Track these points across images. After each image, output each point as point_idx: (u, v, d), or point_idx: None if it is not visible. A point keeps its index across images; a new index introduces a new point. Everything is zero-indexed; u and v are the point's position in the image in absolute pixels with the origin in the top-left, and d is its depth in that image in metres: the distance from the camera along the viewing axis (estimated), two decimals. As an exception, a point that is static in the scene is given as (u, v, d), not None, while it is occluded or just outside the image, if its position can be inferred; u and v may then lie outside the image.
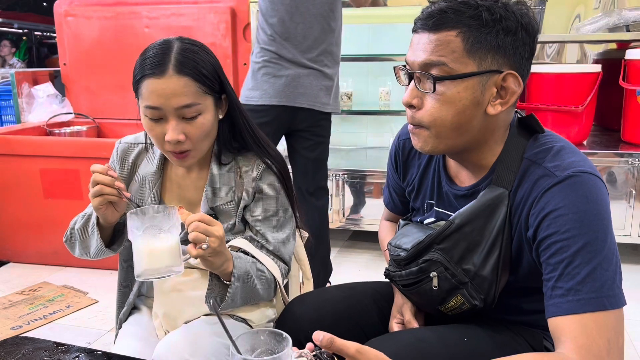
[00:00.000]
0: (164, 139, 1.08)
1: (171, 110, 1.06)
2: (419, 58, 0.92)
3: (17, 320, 2.26)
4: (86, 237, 1.19)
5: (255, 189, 1.20)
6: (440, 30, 0.90)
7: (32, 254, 2.88)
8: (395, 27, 3.30)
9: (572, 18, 3.28)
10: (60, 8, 3.33)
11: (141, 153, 1.26)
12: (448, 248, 0.99)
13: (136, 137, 1.28)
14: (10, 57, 7.86)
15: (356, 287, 1.26)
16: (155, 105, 1.06)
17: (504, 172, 0.96)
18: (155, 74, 1.05)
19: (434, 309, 1.06)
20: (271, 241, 1.20)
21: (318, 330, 0.78)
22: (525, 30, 0.91)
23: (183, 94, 1.05)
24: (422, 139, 0.97)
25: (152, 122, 1.08)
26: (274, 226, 1.21)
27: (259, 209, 1.21)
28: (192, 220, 0.98)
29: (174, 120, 1.07)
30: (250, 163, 1.21)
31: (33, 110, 3.41)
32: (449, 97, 0.91)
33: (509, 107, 0.94)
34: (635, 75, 2.64)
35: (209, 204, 1.19)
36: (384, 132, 3.42)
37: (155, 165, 1.23)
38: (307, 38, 2.10)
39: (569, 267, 0.84)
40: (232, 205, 1.20)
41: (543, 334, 1.06)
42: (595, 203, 0.86)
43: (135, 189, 1.24)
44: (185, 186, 1.23)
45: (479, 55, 0.89)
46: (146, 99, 1.06)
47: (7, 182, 2.81)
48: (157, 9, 3.19)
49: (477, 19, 0.88)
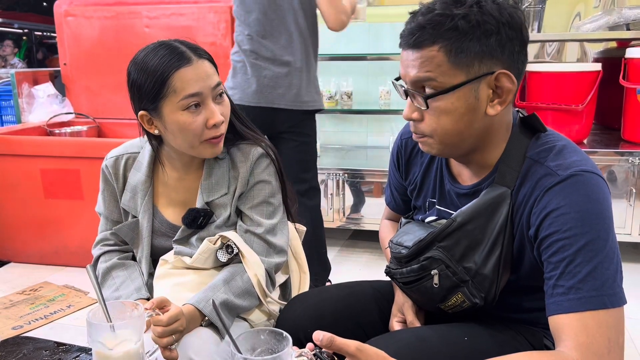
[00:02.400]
0: (205, 128, 1.11)
1: (208, 91, 1.10)
2: (410, 75, 0.93)
3: (18, 320, 2.27)
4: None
5: (249, 177, 1.21)
6: (421, 47, 0.90)
7: (33, 253, 2.88)
8: (395, 26, 3.30)
9: (572, 17, 3.28)
10: (61, 8, 3.33)
11: (127, 164, 1.27)
12: (449, 246, 0.99)
13: (121, 150, 1.29)
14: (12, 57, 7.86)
15: (356, 286, 1.26)
16: (196, 91, 1.09)
17: (507, 171, 0.96)
18: (184, 63, 1.08)
19: (435, 307, 1.06)
20: (263, 226, 1.21)
21: (318, 330, 0.79)
22: (508, 26, 0.89)
23: (212, 72, 1.12)
24: (427, 145, 0.99)
25: (191, 115, 1.10)
26: (265, 213, 1.23)
27: (252, 196, 1.22)
28: (159, 333, 1.01)
29: (211, 103, 1.11)
30: (244, 153, 1.23)
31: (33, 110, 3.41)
32: (444, 109, 0.92)
33: (508, 105, 0.94)
34: (636, 73, 2.64)
35: (204, 199, 1.20)
36: (384, 132, 3.42)
37: (144, 173, 1.24)
38: (283, 34, 2.07)
39: (570, 266, 0.85)
40: (227, 197, 1.21)
41: (543, 332, 1.06)
42: (597, 202, 0.86)
43: (127, 198, 1.26)
44: (179, 188, 1.25)
45: (466, 64, 0.89)
46: (183, 90, 1.08)
47: (7, 182, 2.81)
48: (157, 9, 3.19)
49: (454, 30, 0.88)
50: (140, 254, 1.27)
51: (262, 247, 1.22)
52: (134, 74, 1.11)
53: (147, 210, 1.23)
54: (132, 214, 1.26)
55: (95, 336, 0.86)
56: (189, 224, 1.21)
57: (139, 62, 1.11)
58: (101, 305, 0.89)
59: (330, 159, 3.20)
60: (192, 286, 1.18)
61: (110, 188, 1.28)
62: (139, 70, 1.10)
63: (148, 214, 1.24)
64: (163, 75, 1.08)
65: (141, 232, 1.25)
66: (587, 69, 2.66)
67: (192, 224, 1.21)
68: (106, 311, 0.88)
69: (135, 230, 1.26)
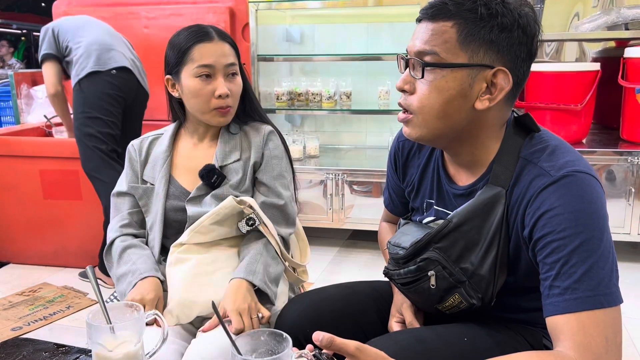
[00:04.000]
0: (212, 97, 1.28)
1: (220, 67, 1.28)
2: (415, 46, 0.95)
3: (17, 322, 2.26)
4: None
5: (263, 148, 1.36)
6: (437, 20, 0.93)
7: (32, 254, 2.88)
8: (394, 26, 3.30)
9: (571, 16, 3.28)
10: (59, 8, 3.33)
11: (152, 143, 1.42)
12: (446, 247, 0.99)
13: (145, 135, 1.45)
14: (9, 57, 7.85)
15: (355, 286, 1.26)
16: (208, 63, 1.27)
17: (501, 171, 0.96)
18: (205, 39, 1.28)
19: (433, 308, 1.06)
20: (283, 197, 1.35)
21: (317, 331, 0.79)
22: (523, 29, 0.91)
23: (229, 54, 1.30)
24: (410, 126, 0.99)
25: (202, 82, 1.27)
26: (284, 185, 1.37)
27: (270, 167, 1.36)
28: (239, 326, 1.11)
29: (221, 77, 1.29)
30: (255, 129, 1.40)
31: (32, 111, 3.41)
32: (437, 85, 0.93)
33: (499, 104, 0.95)
34: (634, 73, 2.64)
35: (219, 163, 1.33)
36: (383, 132, 3.42)
37: (165, 145, 1.38)
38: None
39: (565, 266, 0.85)
40: (239, 163, 1.34)
41: (542, 332, 1.06)
42: (590, 202, 0.87)
43: (149, 169, 1.38)
44: (195, 157, 1.37)
45: (472, 48, 0.91)
46: (199, 60, 1.27)
47: (6, 183, 2.81)
48: (156, 9, 3.19)
49: (473, 12, 0.91)
50: (154, 218, 1.33)
51: (280, 217, 1.35)
52: (168, 47, 1.33)
53: (164, 176, 1.35)
54: (151, 182, 1.37)
55: (95, 337, 0.86)
56: (205, 176, 1.31)
57: (174, 36, 1.32)
58: (101, 307, 0.89)
59: (329, 159, 3.20)
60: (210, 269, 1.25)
61: (133, 164, 1.40)
62: (170, 43, 1.32)
63: (165, 180, 1.35)
64: (186, 46, 1.28)
65: (156, 195, 1.34)
66: (585, 69, 2.66)
67: (208, 177, 1.31)
68: (106, 313, 0.88)
69: (150, 195, 1.36)
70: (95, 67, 2.40)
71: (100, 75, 2.40)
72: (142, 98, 2.64)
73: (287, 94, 3.22)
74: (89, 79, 2.39)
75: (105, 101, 2.40)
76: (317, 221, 2.97)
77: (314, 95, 3.18)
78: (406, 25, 3.18)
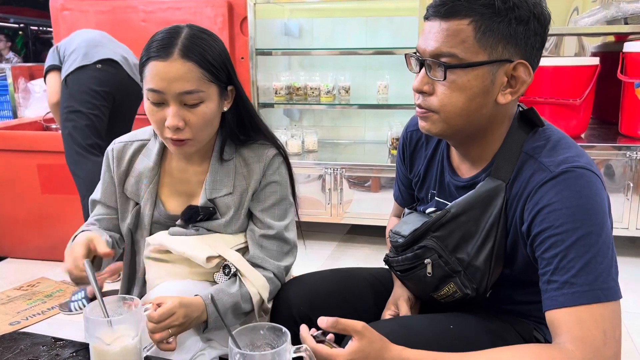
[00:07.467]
0: (164, 125, 1.07)
1: (173, 95, 1.05)
2: (430, 47, 0.92)
3: (16, 316, 2.26)
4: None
5: (262, 176, 1.20)
6: (452, 18, 0.90)
7: (30, 249, 2.87)
8: (393, 20, 3.29)
9: (570, 11, 3.27)
10: (57, 2, 3.31)
11: (137, 151, 1.25)
12: (443, 236, 1.00)
13: (131, 136, 1.28)
14: (7, 51, 7.81)
15: (353, 271, 1.28)
16: (157, 89, 1.05)
17: (503, 164, 0.97)
18: (160, 57, 1.05)
19: (428, 295, 1.07)
20: (274, 228, 1.21)
21: (322, 316, 0.83)
22: (538, 20, 0.91)
23: (186, 79, 1.05)
24: (430, 121, 0.97)
25: (153, 106, 1.08)
26: (277, 215, 1.23)
27: (263, 197, 1.22)
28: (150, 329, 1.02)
29: (175, 106, 1.06)
30: (256, 152, 1.22)
31: (30, 105, 3.40)
32: (460, 85, 0.91)
33: (517, 97, 0.95)
34: (633, 67, 2.64)
35: (207, 196, 1.19)
36: (382, 126, 3.42)
37: (153, 161, 1.22)
38: None
39: (563, 261, 0.85)
40: (231, 198, 1.20)
41: (534, 324, 1.07)
42: (588, 198, 0.87)
43: (131, 184, 1.24)
44: (184, 180, 1.23)
45: (490, 44, 0.89)
46: (149, 82, 1.06)
47: (4, 177, 2.80)
48: (154, 3, 3.17)
49: (489, 7, 0.88)
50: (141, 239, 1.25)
51: (276, 246, 1.22)
52: None
53: (151, 197, 1.22)
54: (134, 200, 1.24)
55: (92, 331, 0.86)
56: (187, 221, 1.20)
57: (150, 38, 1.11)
58: (99, 301, 0.89)
59: (327, 154, 3.20)
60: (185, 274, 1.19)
61: (110, 173, 1.26)
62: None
63: (151, 202, 1.23)
64: (143, 58, 1.08)
65: (142, 219, 1.24)
66: (585, 63, 2.66)
67: (190, 221, 1.20)
68: (103, 307, 0.88)
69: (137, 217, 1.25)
70: (81, 62, 2.39)
71: (85, 70, 2.38)
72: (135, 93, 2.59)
73: (286, 88, 3.21)
74: (75, 74, 2.38)
75: (89, 94, 2.37)
76: (316, 216, 2.97)
77: (312, 89, 3.17)
78: (405, 20, 3.17)
